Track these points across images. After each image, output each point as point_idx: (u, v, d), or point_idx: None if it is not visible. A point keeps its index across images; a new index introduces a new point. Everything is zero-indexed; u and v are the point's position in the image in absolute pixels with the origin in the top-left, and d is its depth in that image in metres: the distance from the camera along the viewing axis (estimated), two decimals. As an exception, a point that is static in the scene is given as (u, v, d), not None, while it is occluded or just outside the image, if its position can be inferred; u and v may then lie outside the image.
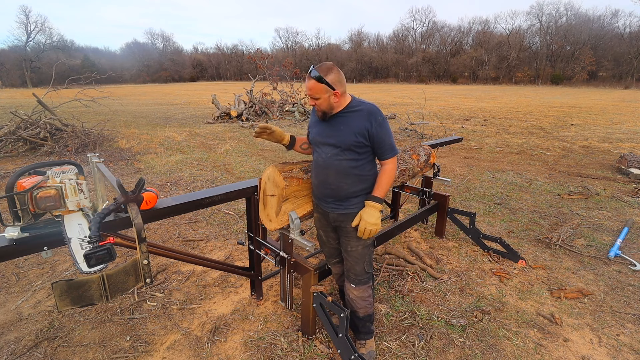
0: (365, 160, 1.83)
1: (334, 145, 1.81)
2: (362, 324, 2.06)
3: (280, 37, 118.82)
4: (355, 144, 1.77)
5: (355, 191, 1.85)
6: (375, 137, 1.76)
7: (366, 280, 1.99)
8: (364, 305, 2.01)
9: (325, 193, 1.90)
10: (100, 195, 2.04)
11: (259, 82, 14.49)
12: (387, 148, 1.81)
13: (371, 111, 1.77)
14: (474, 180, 5.61)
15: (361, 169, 1.83)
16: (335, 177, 1.83)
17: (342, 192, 1.85)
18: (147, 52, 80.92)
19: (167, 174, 5.87)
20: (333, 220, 1.95)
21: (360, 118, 1.76)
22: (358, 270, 1.96)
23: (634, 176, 5.64)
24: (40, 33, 62.00)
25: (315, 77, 1.67)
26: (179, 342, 2.17)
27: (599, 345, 2.16)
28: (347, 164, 1.80)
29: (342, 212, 1.89)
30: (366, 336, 2.09)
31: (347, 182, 1.83)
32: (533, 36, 59.14)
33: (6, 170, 6.02)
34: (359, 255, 1.93)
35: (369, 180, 1.86)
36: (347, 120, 1.78)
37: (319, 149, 1.89)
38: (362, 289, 1.99)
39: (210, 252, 3.30)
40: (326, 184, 1.87)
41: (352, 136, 1.76)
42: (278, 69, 15.12)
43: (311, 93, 1.72)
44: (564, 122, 12.21)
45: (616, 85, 43.51)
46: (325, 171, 1.86)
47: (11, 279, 2.83)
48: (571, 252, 3.28)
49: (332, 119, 1.82)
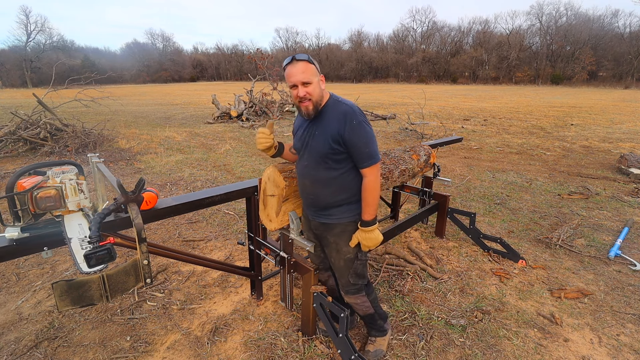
0: (345, 169, 1.64)
1: (311, 154, 1.65)
2: (367, 320, 2.02)
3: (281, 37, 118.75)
4: (331, 152, 1.58)
5: (336, 201, 1.69)
6: (349, 142, 1.55)
7: (354, 291, 1.89)
8: (360, 308, 1.96)
9: (306, 201, 1.82)
10: (101, 195, 2.04)
11: (259, 82, 14.48)
12: (364, 156, 1.57)
13: (346, 112, 1.56)
14: (474, 180, 5.61)
15: (341, 179, 1.64)
16: (312, 187, 1.70)
17: (321, 203, 1.72)
18: (147, 52, 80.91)
19: (167, 174, 5.87)
20: (314, 227, 1.85)
21: (334, 120, 1.57)
22: (344, 282, 1.88)
23: (634, 176, 5.64)
24: (41, 33, 62.13)
25: (305, 58, 1.54)
26: (179, 342, 2.17)
27: (599, 345, 2.16)
28: (325, 174, 1.63)
29: (322, 221, 1.77)
30: (377, 333, 2.04)
31: (325, 192, 1.67)
32: (533, 36, 59.15)
33: (6, 170, 6.02)
34: (340, 267, 1.83)
35: (352, 188, 1.68)
36: (321, 124, 1.61)
37: (300, 157, 1.74)
38: (352, 297, 1.92)
39: (210, 252, 3.30)
40: (305, 194, 1.78)
41: (327, 144, 1.57)
42: (278, 69, 15.11)
43: (303, 77, 1.52)
44: (564, 122, 12.21)
45: (616, 85, 43.49)
46: (303, 181, 1.74)
47: (11, 279, 2.83)
48: (571, 252, 3.28)
49: (311, 121, 1.65)
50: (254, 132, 10.06)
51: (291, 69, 1.54)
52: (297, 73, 1.52)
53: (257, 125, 10.99)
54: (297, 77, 1.53)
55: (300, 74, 1.52)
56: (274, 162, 2.06)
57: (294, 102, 1.62)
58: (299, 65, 1.53)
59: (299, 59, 1.53)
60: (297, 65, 1.53)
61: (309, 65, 1.54)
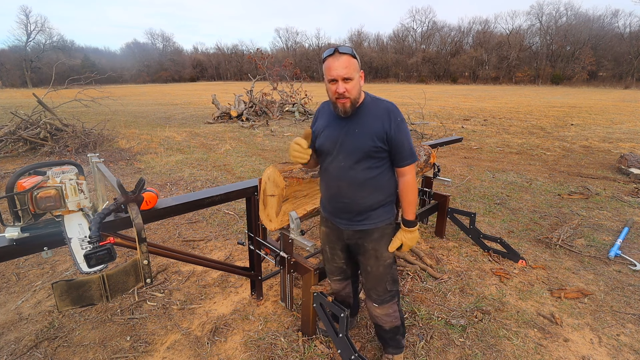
0: (383, 168, 1.58)
1: (349, 153, 1.54)
2: (389, 336, 1.88)
3: (281, 37, 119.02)
4: (374, 150, 1.51)
5: (372, 204, 1.61)
6: (395, 140, 1.51)
7: (389, 299, 1.78)
8: (390, 320, 1.83)
9: (337, 207, 1.67)
10: (101, 195, 2.04)
11: (259, 82, 14.48)
12: (406, 153, 1.54)
13: (389, 109, 1.53)
14: (474, 180, 5.61)
15: (378, 179, 1.58)
16: (349, 189, 1.58)
17: (357, 207, 1.61)
18: (147, 52, 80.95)
19: (167, 174, 5.87)
20: (347, 237, 1.73)
21: (376, 118, 1.51)
22: (380, 290, 1.75)
23: (634, 176, 5.64)
24: (41, 33, 62.09)
25: (349, 52, 1.42)
26: (179, 342, 2.17)
27: (599, 345, 2.16)
28: (364, 174, 1.55)
29: (358, 228, 1.65)
30: (394, 350, 1.91)
31: (362, 194, 1.58)
32: (533, 36, 59.16)
33: (6, 170, 6.02)
34: (379, 274, 1.72)
35: (387, 190, 1.63)
36: (362, 122, 1.52)
37: (330, 157, 1.61)
38: (385, 307, 1.79)
39: (210, 252, 3.30)
40: (338, 198, 1.64)
41: (370, 141, 1.50)
42: (278, 69, 15.13)
43: (345, 72, 1.41)
44: (564, 122, 12.21)
45: (616, 85, 43.50)
46: (337, 183, 1.61)
47: (11, 279, 2.83)
48: (571, 252, 3.28)
49: (346, 119, 1.55)
50: (254, 132, 10.06)
51: (333, 62, 1.43)
52: (339, 67, 1.41)
53: (257, 126, 10.98)
54: (338, 71, 1.42)
55: (342, 69, 1.41)
56: (274, 162, 2.05)
57: (330, 97, 1.52)
58: (342, 59, 1.41)
59: (343, 52, 1.42)
60: (340, 58, 1.42)
61: (352, 60, 1.43)
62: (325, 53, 1.47)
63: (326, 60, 1.46)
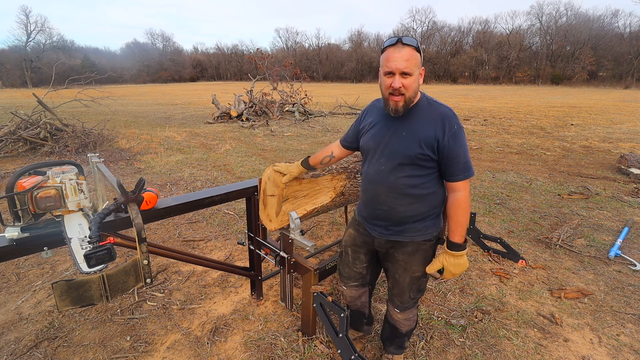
0: (428, 178, 1.44)
1: (391, 156, 1.42)
2: (401, 338, 1.87)
3: (280, 37, 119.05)
4: (420, 157, 1.37)
5: (412, 215, 1.48)
6: (447, 150, 1.35)
7: (411, 306, 1.74)
8: (408, 324, 1.81)
9: (374, 214, 1.57)
10: (100, 195, 2.04)
11: (259, 82, 14.48)
12: (460, 167, 1.38)
13: (445, 115, 1.37)
14: (474, 180, 5.61)
15: (422, 189, 1.44)
16: (387, 196, 1.47)
17: (396, 215, 1.50)
18: (147, 52, 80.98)
19: (167, 174, 5.87)
20: (378, 245, 1.64)
21: (429, 123, 1.37)
22: (404, 299, 1.70)
23: (634, 176, 5.64)
24: (41, 33, 62.14)
25: (413, 44, 1.29)
26: (179, 342, 2.17)
27: (599, 345, 2.16)
28: (405, 181, 1.42)
29: (392, 238, 1.56)
30: (396, 351, 1.92)
31: (401, 202, 1.46)
32: (533, 36, 59.21)
33: (6, 170, 6.02)
34: (406, 284, 1.64)
35: (430, 202, 1.48)
36: (412, 124, 1.39)
37: (372, 159, 1.50)
38: (407, 313, 1.76)
39: (210, 252, 3.30)
40: (376, 204, 1.52)
41: (417, 147, 1.36)
42: (278, 69, 15.12)
43: (405, 66, 1.28)
44: (564, 122, 12.21)
45: (616, 85, 43.51)
46: (375, 187, 1.50)
47: (11, 279, 2.83)
48: (571, 252, 3.28)
49: (396, 119, 1.43)
50: (254, 132, 10.06)
51: (393, 52, 1.30)
52: (400, 60, 1.28)
53: (257, 126, 10.98)
54: (397, 64, 1.28)
55: (402, 62, 1.28)
56: (274, 162, 2.06)
57: (383, 93, 1.40)
58: (405, 52, 1.28)
59: (406, 43, 1.29)
60: (403, 50, 1.28)
61: (414, 54, 1.30)
62: (386, 42, 1.34)
63: (386, 50, 1.33)
